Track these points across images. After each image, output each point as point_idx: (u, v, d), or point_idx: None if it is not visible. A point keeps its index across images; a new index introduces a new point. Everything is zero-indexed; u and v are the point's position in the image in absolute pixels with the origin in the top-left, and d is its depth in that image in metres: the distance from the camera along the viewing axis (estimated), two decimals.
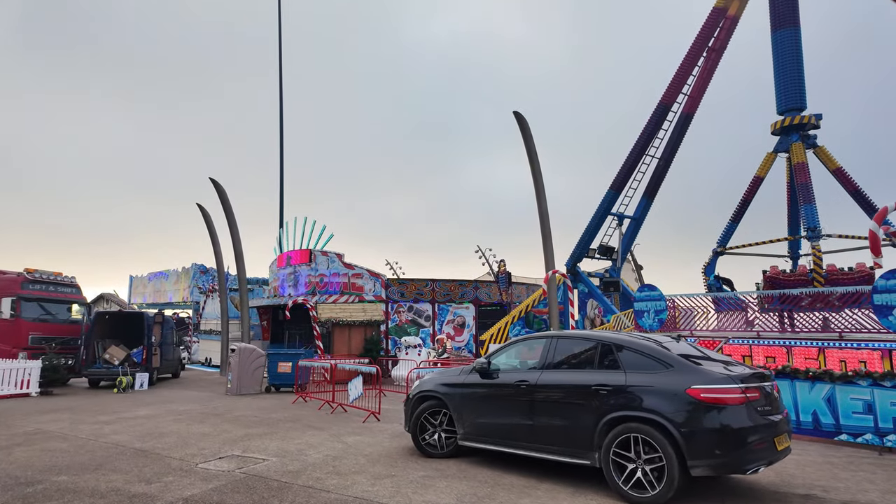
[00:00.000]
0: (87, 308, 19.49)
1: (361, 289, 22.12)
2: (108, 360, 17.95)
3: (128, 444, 8.30)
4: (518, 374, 6.71)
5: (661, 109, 17.18)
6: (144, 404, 13.27)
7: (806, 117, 14.22)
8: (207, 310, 30.15)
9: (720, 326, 14.46)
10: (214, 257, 23.41)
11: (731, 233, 15.28)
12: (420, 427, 7.48)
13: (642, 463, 5.37)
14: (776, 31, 15.10)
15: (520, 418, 6.43)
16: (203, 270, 32.96)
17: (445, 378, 7.52)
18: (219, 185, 20.15)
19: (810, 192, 13.10)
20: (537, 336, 7.06)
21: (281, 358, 16.22)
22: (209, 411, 12.01)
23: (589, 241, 18.14)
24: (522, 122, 16.49)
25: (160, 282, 37.39)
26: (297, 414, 11.56)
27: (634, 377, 5.64)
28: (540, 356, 6.60)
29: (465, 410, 7.05)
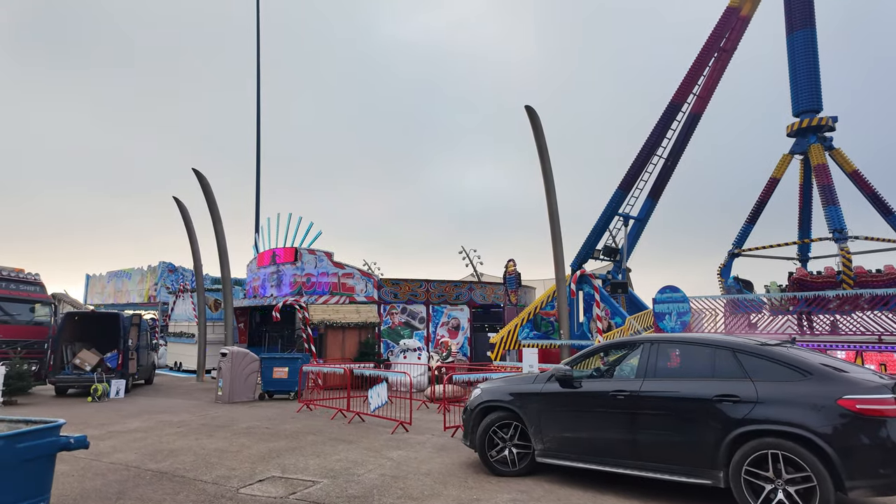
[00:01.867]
0: (53, 308, 17.77)
1: (352, 289, 21.09)
2: (78, 365, 16.34)
3: (140, 465, 7.19)
4: (611, 383, 6.03)
5: (672, 109, 16.94)
6: (131, 415, 11.96)
7: (823, 119, 14.17)
8: (177, 311, 28.34)
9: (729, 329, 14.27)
10: (192, 255, 21.89)
11: (747, 234, 15.14)
12: (488, 441, 6.70)
13: (783, 483, 4.76)
14: (791, 33, 15.04)
15: (618, 433, 5.75)
16: (171, 269, 31.08)
17: (515, 387, 6.77)
18: (202, 177, 18.77)
19: (834, 194, 13.01)
20: (629, 341, 6.41)
21: (276, 363, 15.08)
22: (210, 422, 10.87)
23: (595, 242, 17.73)
24: (534, 117, 15.90)
25: (121, 281, 35.10)
26: (311, 425, 10.56)
27: (766, 387, 5.04)
28: (638, 363, 5.94)
29: (546, 424, 6.32)
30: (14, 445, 2.50)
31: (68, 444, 3.01)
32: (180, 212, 21.60)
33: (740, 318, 14.44)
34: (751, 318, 14.28)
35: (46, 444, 2.77)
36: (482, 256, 33.35)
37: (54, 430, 2.92)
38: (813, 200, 15.23)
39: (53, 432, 2.91)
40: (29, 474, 2.58)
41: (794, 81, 14.83)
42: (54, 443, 2.88)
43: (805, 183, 15.19)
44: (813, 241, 13.05)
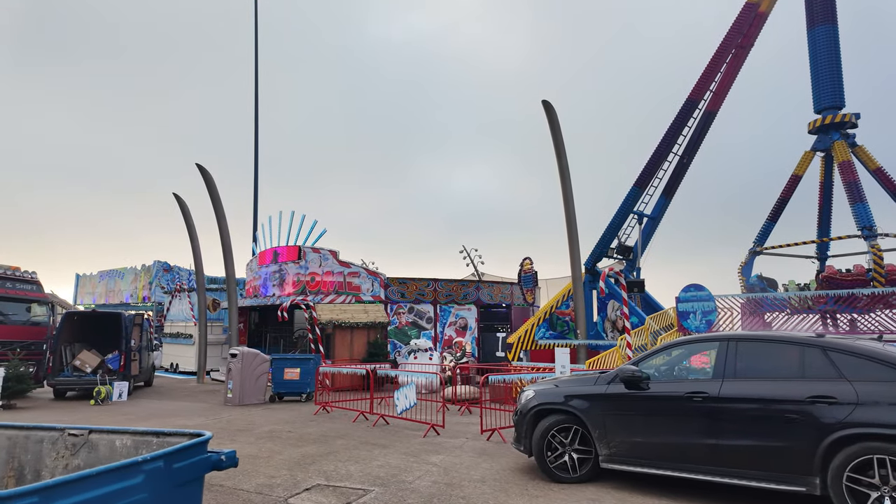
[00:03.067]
0: (51, 308, 17.11)
1: (358, 288, 20.62)
2: (78, 367, 15.73)
3: None
4: (685, 385, 5.70)
5: (689, 105, 16.73)
6: (140, 419, 11.44)
7: (847, 116, 14.02)
8: (173, 311, 27.65)
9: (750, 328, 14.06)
10: (192, 253, 21.30)
11: (769, 232, 14.96)
12: (546, 446, 6.33)
13: (891, 490, 4.45)
14: (812, 28, 14.88)
15: (697, 437, 5.41)
16: (166, 268, 30.35)
17: (575, 388, 6.41)
18: (206, 173, 18.20)
19: (861, 191, 12.86)
20: (702, 339, 6.09)
21: (288, 363, 14.60)
22: (227, 426, 10.39)
23: (610, 240, 17.45)
24: (551, 113, 15.58)
25: (114, 281, 34.24)
26: (335, 428, 10.12)
27: (867, 387, 4.73)
28: (715, 362, 5.61)
29: (612, 428, 5.97)
30: (171, 466, 2.05)
31: (220, 461, 2.52)
32: (181, 209, 21.00)
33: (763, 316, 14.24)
34: (765, 317, 14.13)
35: (200, 463, 2.29)
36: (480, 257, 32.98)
37: (205, 444, 2.44)
38: (833, 198, 15.10)
39: (204, 448, 2.43)
40: (180, 502, 2.12)
41: (816, 78, 14.67)
42: (206, 461, 2.44)
43: (826, 180, 15.05)
44: (841, 238, 12.92)
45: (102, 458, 2.30)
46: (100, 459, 2.28)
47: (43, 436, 2.35)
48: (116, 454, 2.29)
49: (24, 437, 2.37)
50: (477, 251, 31.06)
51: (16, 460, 2.32)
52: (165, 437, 2.31)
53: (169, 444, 2.19)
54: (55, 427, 2.40)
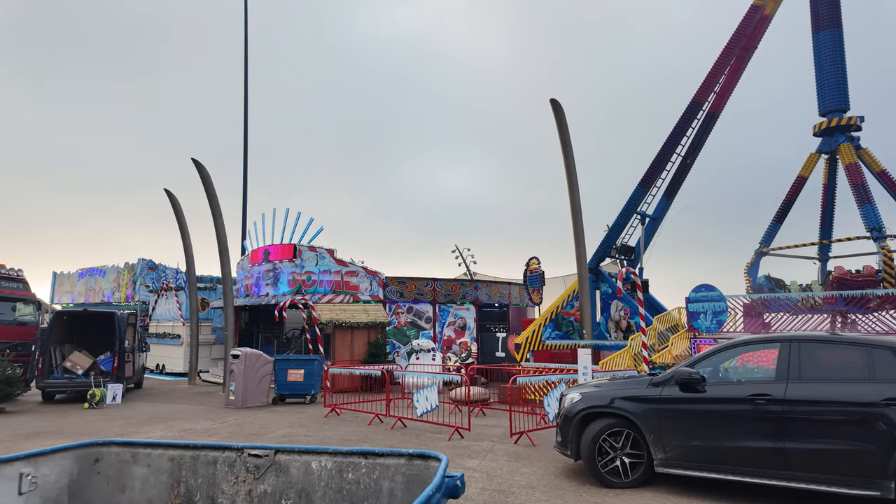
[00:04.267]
0: (38, 307, 16.41)
1: (356, 288, 20.26)
2: (69, 368, 15.10)
3: None
4: (746, 387, 5.59)
5: (693, 106, 16.80)
6: (143, 423, 10.98)
7: (852, 119, 14.19)
8: (159, 310, 26.87)
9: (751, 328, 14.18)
10: (184, 251, 20.70)
11: (775, 233, 15.09)
12: (597, 450, 6.16)
13: None
14: (818, 33, 15.05)
15: (761, 441, 5.30)
16: (151, 266, 29.48)
17: (627, 392, 6.26)
18: (202, 168, 17.65)
19: (868, 193, 13.03)
20: (761, 340, 5.98)
21: (291, 365, 14.21)
22: (239, 430, 10.02)
23: (614, 239, 17.44)
24: (558, 111, 15.48)
25: (94, 279, 33.14)
26: (353, 431, 9.83)
27: None
28: (778, 364, 5.51)
29: (667, 431, 5.83)
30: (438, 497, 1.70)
31: (456, 487, 2.09)
32: (172, 206, 20.38)
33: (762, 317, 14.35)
34: (765, 318, 14.27)
35: (449, 490, 1.99)
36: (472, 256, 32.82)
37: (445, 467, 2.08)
38: (836, 200, 15.30)
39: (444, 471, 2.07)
40: None
41: (821, 81, 14.84)
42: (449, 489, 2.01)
43: (829, 182, 15.25)
44: (850, 239, 13.09)
45: (295, 481, 1.98)
46: (292, 483, 1.97)
47: (216, 456, 2.05)
48: (314, 477, 1.98)
49: (191, 458, 2.05)
50: (469, 251, 30.85)
51: (182, 485, 2.01)
52: (377, 459, 2.00)
53: (384, 466, 1.90)
54: (231, 446, 2.10)
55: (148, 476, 2.03)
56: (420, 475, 1.80)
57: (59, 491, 1.88)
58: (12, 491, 1.72)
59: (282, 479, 1.98)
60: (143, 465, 2.05)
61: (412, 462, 1.84)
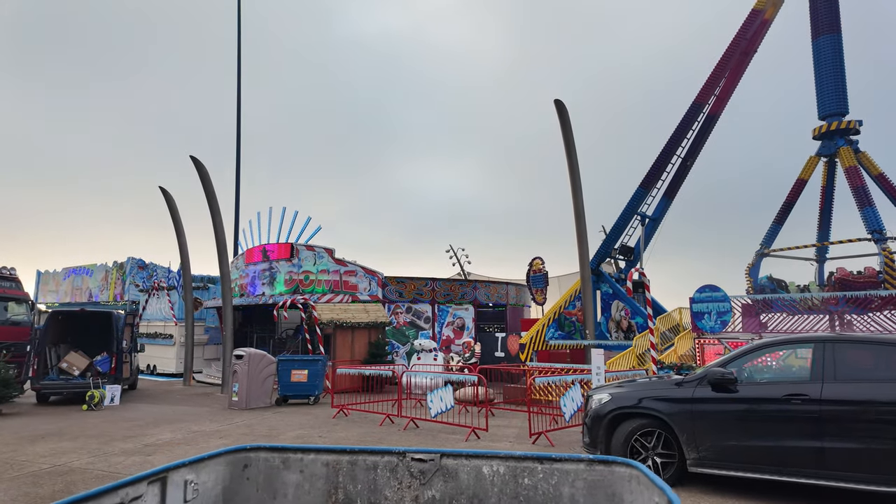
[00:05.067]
0: (32, 307, 16.02)
1: (355, 287, 20.14)
2: (65, 369, 14.79)
3: None
4: (780, 388, 5.64)
5: (694, 108, 16.96)
6: (149, 425, 10.77)
7: (851, 123, 14.44)
8: (150, 310, 26.45)
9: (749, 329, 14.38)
10: (179, 249, 20.37)
11: (775, 235, 15.31)
12: (630, 451, 6.18)
13: None
14: (817, 38, 15.29)
15: (799, 440, 5.35)
16: (141, 265, 28.99)
17: (657, 392, 6.28)
18: (201, 166, 17.37)
19: (869, 195, 13.27)
20: (794, 340, 6.03)
21: (295, 365, 14.06)
22: (249, 432, 9.88)
23: (615, 240, 17.55)
24: (562, 112, 15.52)
25: (80, 278, 32.51)
26: (368, 432, 9.74)
27: None
28: (812, 364, 5.56)
29: (701, 431, 5.86)
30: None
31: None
32: (167, 203, 20.05)
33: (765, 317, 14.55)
34: (760, 318, 14.50)
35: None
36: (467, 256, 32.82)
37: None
38: (834, 202, 15.56)
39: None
40: None
41: (820, 85, 15.08)
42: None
43: (828, 185, 15.50)
44: (852, 241, 13.33)
45: (465, 486, 1.89)
46: (462, 489, 1.88)
47: (375, 461, 1.95)
48: (486, 482, 1.89)
49: (348, 463, 1.96)
50: (464, 250, 30.84)
51: (340, 491, 1.91)
52: (554, 463, 1.88)
53: (563, 471, 1.82)
54: (391, 450, 2.01)
55: (301, 482, 1.94)
56: (603, 481, 1.75)
57: (216, 499, 1.80)
58: (179, 499, 1.65)
59: (450, 484, 1.90)
60: (296, 471, 1.96)
61: (593, 467, 1.78)
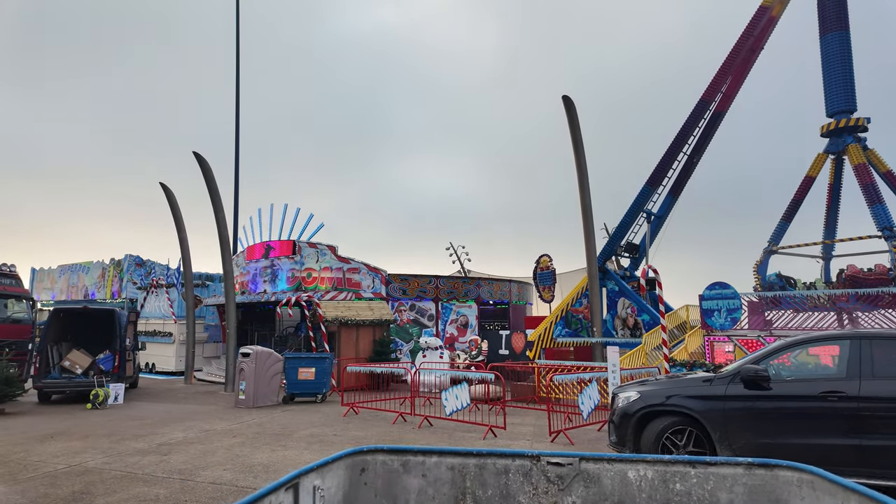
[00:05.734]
0: (32, 304, 15.79)
1: (358, 285, 20.01)
2: (68, 368, 14.57)
3: (256, 485, 6.15)
4: (815, 385, 5.59)
5: (701, 105, 16.94)
6: (157, 424, 10.61)
7: (860, 120, 14.46)
8: (148, 308, 26.18)
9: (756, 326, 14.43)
10: (180, 246, 20.15)
11: (784, 232, 15.32)
12: (661, 449, 6.11)
13: None
14: (825, 35, 15.30)
15: (836, 438, 5.31)
16: (139, 263, 28.68)
17: (688, 390, 6.22)
18: (203, 161, 17.16)
19: (878, 192, 13.29)
20: (827, 337, 5.98)
21: (302, 363, 13.93)
22: (262, 430, 9.74)
23: (620, 238, 17.52)
24: (570, 109, 15.45)
25: (76, 275, 32.14)
26: (382, 431, 9.64)
27: None
28: (848, 361, 5.52)
29: (735, 429, 5.80)
30: None
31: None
32: (168, 200, 19.82)
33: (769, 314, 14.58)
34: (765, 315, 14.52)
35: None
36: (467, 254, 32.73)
37: None
38: (841, 200, 15.59)
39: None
40: None
41: (828, 82, 15.09)
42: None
43: (835, 182, 15.52)
44: (862, 238, 13.35)
45: (610, 493, 1.76)
46: (606, 495, 1.76)
47: (506, 464, 1.83)
48: (632, 488, 1.77)
49: (475, 467, 1.84)
50: (464, 248, 30.75)
51: (467, 497, 1.78)
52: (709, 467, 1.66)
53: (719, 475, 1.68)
54: (522, 453, 1.89)
55: (424, 487, 1.83)
56: (765, 486, 1.64)
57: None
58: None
59: (592, 490, 1.78)
60: (417, 475, 1.84)
61: (753, 471, 1.66)
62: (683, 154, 17.59)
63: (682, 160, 17.69)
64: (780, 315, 14.72)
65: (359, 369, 12.53)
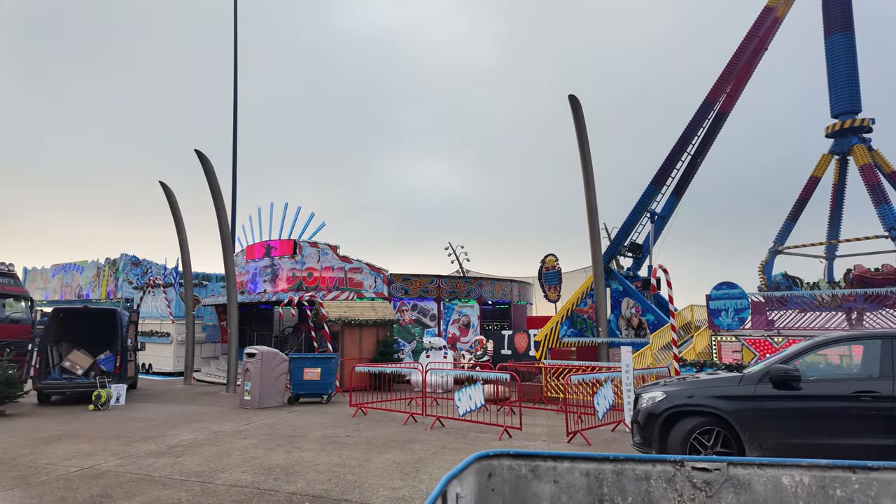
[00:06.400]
0: (31, 304, 15.53)
1: (360, 285, 19.88)
2: (68, 368, 14.34)
3: (274, 488, 6.03)
4: (847, 385, 5.56)
5: (706, 106, 16.97)
6: (165, 425, 10.44)
7: (865, 121, 14.52)
8: (145, 307, 25.87)
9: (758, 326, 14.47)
10: (179, 246, 19.92)
11: (789, 232, 15.38)
12: (689, 449, 6.06)
13: None
14: (830, 36, 15.36)
15: (870, 438, 5.28)
16: (135, 262, 28.36)
17: (716, 390, 6.17)
18: (205, 159, 16.95)
19: (885, 193, 13.36)
20: (858, 336, 5.95)
21: (308, 363, 13.79)
22: (273, 432, 9.61)
23: (625, 237, 17.51)
24: (576, 107, 15.41)
25: (70, 275, 31.75)
26: (393, 431, 9.53)
27: None
28: (881, 361, 5.49)
29: (764, 429, 5.76)
30: None
31: None
32: (168, 198, 19.59)
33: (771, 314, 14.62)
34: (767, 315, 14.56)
35: None
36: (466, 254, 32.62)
37: None
38: (845, 200, 15.66)
39: None
40: None
41: (833, 83, 15.15)
42: None
43: (839, 182, 15.60)
44: (869, 238, 13.41)
45: (762, 500, 1.65)
46: (758, 502, 1.67)
47: (646, 470, 1.74)
48: (786, 494, 1.67)
49: (612, 473, 1.75)
50: (463, 248, 30.67)
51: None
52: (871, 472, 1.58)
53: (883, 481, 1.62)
54: (663, 458, 1.79)
55: (557, 495, 1.74)
56: None
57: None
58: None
59: (743, 496, 1.69)
60: (548, 482, 1.75)
61: None
62: (687, 154, 17.61)
63: (685, 160, 17.71)
64: (783, 315, 14.77)
65: (367, 369, 12.41)
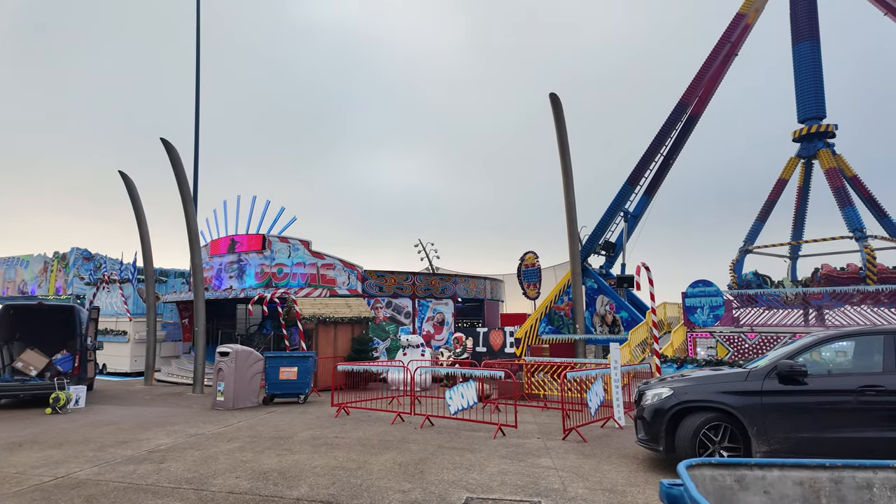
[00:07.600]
0: None
1: (333, 281, 19.44)
2: (21, 369, 13.41)
3: (276, 494, 5.72)
4: (852, 380, 5.69)
5: (680, 108, 17.35)
6: (135, 428, 9.86)
7: (829, 126, 15.14)
8: (98, 304, 24.58)
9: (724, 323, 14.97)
10: (140, 239, 18.95)
11: (758, 232, 15.88)
12: (698, 445, 6.09)
13: None
14: (797, 44, 15.96)
15: (876, 431, 5.42)
16: (87, 257, 26.88)
17: (723, 385, 6.22)
18: (172, 148, 16.13)
19: (849, 195, 13.95)
20: (863, 332, 6.09)
21: (284, 362, 13.34)
22: (257, 434, 9.20)
23: (600, 236, 17.74)
24: (557, 107, 15.48)
25: (13, 269, 29.83)
26: (383, 431, 9.28)
27: None
28: (884, 356, 5.64)
29: (773, 424, 5.84)
30: None
31: None
32: (127, 189, 18.62)
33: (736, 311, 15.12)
34: (733, 313, 15.09)
35: None
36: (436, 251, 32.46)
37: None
38: (809, 202, 16.31)
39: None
40: None
41: (800, 89, 15.73)
42: None
43: (804, 185, 16.22)
44: (835, 238, 13.99)
45: None
46: None
47: (867, 477, 1.59)
48: None
49: (829, 481, 1.59)
50: (433, 245, 30.49)
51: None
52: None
53: None
54: (886, 464, 1.65)
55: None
56: None
57: None
58: None
59: None
60: (758, 492, 1.60)
61: None
62: (661, 155, 17.97)
63: (658, 161, 18.07)
64: (750, 312, 15.28)
65: (351, 368, 12.08)
